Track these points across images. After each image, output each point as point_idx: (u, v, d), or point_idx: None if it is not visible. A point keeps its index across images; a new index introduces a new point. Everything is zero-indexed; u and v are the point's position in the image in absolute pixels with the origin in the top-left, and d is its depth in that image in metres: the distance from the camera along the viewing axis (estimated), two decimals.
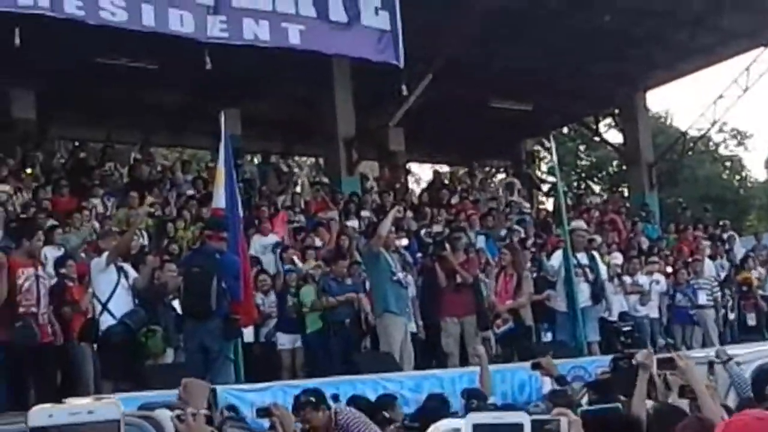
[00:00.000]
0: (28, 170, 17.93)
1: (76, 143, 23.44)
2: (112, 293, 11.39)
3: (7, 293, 10.49)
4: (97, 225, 15.65)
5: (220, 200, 11.96)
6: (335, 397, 10.22)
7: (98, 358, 11.81)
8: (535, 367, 10.46)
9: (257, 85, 22.30)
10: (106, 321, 11.34)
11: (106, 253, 11.78)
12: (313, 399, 7.99)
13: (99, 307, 11.44)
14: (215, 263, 11.22)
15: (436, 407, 9.08)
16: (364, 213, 19.40)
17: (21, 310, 10.61)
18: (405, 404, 10.33)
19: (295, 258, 16.00)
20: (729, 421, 3.99)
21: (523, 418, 2.62)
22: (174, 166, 22.45)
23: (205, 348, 11.05)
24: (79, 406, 2.44)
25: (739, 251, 21.98)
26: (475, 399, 9.41)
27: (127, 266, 11.93)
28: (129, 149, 23.53)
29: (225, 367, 11.06)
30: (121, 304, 11.42)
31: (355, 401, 9.53)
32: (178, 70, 19.86)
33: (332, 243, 16.99)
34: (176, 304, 12.56)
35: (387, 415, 8.58)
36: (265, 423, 7.04)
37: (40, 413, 2.41)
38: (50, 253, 13.14)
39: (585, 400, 8.68)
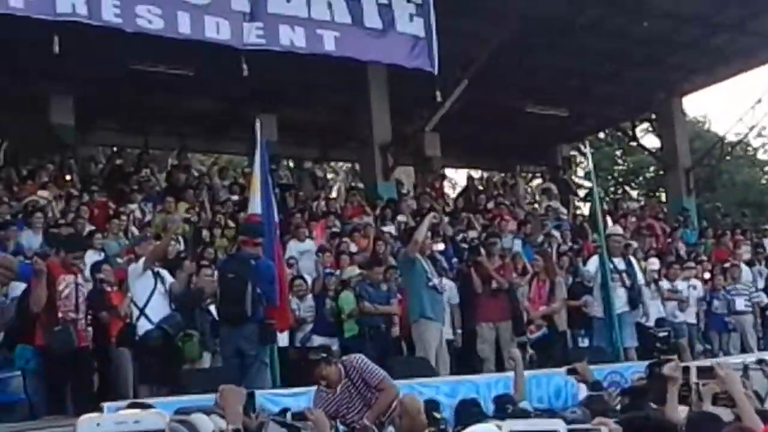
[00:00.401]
0: (67, 177, 18.07)
1: (114, 149, 23.60)
2: (149, 298, 11.46)
3: (47, 299, 10.57)
4: (135, 230, 15.80)
5: (255, 206, 12.01)
6: None
7: (135, 363, 11.90)
8: (571, 372, 10.41)
9: (293, 92, 22.41)
10: (143, 326, 11.42)
11: (143, 259, 11.87)
12: (324, 354, 9.05)
13: (136, 312, 11.52)
14: (250, 269, 11.25)
15: (469, 412, 9.12)
16: (400, 218, 19.41)
17: (60, 315, 10.68)
18: (441, 409, 10.36)
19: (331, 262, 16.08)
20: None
21: (559, 426, 2.62)
22: (210, 171, 22.58)
23: (240, 353, 11.08)
24: (125, 416, 2.47)
25: None
26: (507, 404, 9.38)
27: (164, 271, 12.00)
28: (166, 155, 23.68)
29: (261, 371, 11.09)
30: (158, 309, 11.49)
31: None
32: (215, 77, 19.97)
33: (368, 249, 17.03)
34: (213, 309, 12.61)
35: (437, 416, 8.68)
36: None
37: (89, 422, 2.45)
38: (89, 258, 13.24)
39: (618, 406, 8.65)
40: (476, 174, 29.15)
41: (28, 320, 10.77)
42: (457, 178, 36.01)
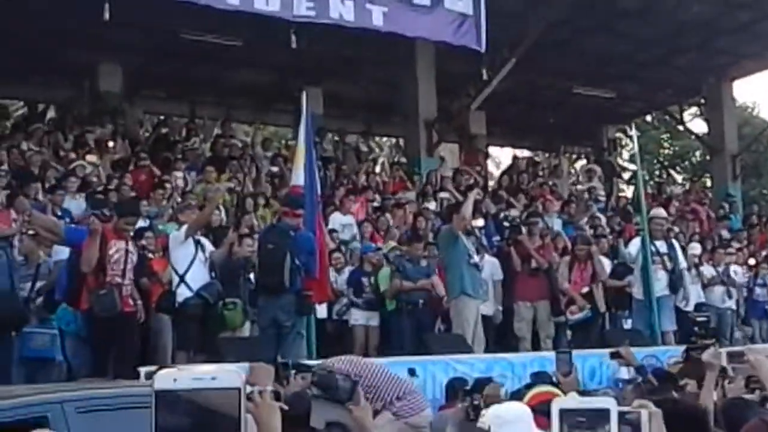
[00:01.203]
0: (111, 143, 18.21)
1: (161, 117, 23.77)
2: (189, 266, 11.55)
3: (97, 262, 10.68)
4: (178, 198, 15.91)
5: (299, 178, 12.06)
6: (412, 371, 10.59)
7: (174, 330, 12.03)
8: (614, 356, 10.35)
9: (340, 65, 22.44)
10: (183, 293, 11.52)
11: (185, 226, 11.96)
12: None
13: (176, 279, 11.63)
14: (289, 240, 11.34)
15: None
16: (443, 194, 19.42)
17: (107, 279, 10.80)
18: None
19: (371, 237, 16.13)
20: None
21: (610, 404, 2.63)
22: (254, 142, 22.69)
23: (277, 323, 11.19)
24: (202, 372, 2.52)
25: None
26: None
27: (205, 240, 12.09)
28: (212, 125, 23.83)
29: (297, 342, 11.18)
30: (198, 277, 11.57)
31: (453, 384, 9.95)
32: (263, 48, 20.07)
33: (408, 224, 17.06)
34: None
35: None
36: None
37: (166, 377, 2.50)
38: None
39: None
40: (521, 154, 29.02)
41: (75, 282, 10.87)
42: (501, 158, 35.89)
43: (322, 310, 13.40)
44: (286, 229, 11.49)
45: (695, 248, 18.03)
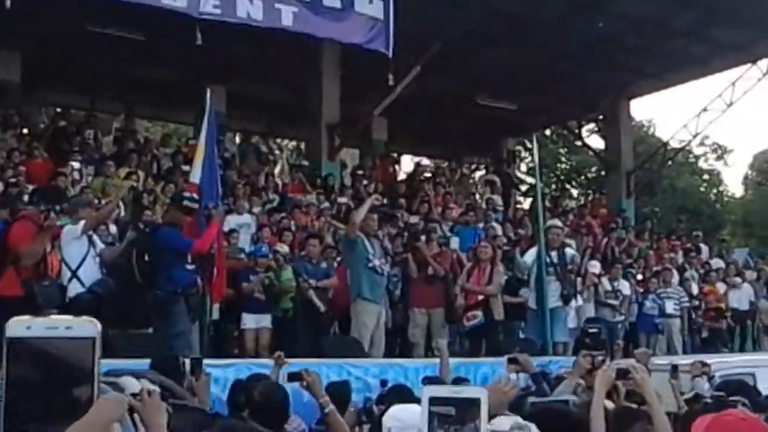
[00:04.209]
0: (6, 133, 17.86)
1: (59, 110, 23.35)
2: (82, 262, 11.37)
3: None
4: (73, 192, 15.62)
5: (196, 175, 11.96)
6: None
7: None
8: (512, 362, 10.45)
9: (245, 65, 22.30)
10: (74, 288, 11.32)
11: (82, 222, 11.73)
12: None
13: (68, 274, 11.43)
14: (142, 237, 11.32)
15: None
16: (341, 199, 19.44)
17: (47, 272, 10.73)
18: (368, 390, 10.47)
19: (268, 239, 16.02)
20: (714, 419, 4.09)
21: (482, 394, 2.67)
22: (154, 139, 22.46)
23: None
24: (57, 321, 2.47)
25: (712, 264, 22.19)
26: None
27: (95, 237, 11.88)
28: (111, 119, 23.46)
29: (168, 342, 10.94)
30: (90, 273, 11.40)
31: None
32: (167, 44, 19.81)
33: (308, 226, 17.04)
34: None
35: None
36: None
37: (19, 325, 2.44)
38: None
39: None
40: (425, 162, 29.24)
41: None
42: (403, 164, 36.03)
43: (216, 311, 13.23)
44: (144, 228, 11.40)
45: (595, 266, 18.28)
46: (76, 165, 16.92)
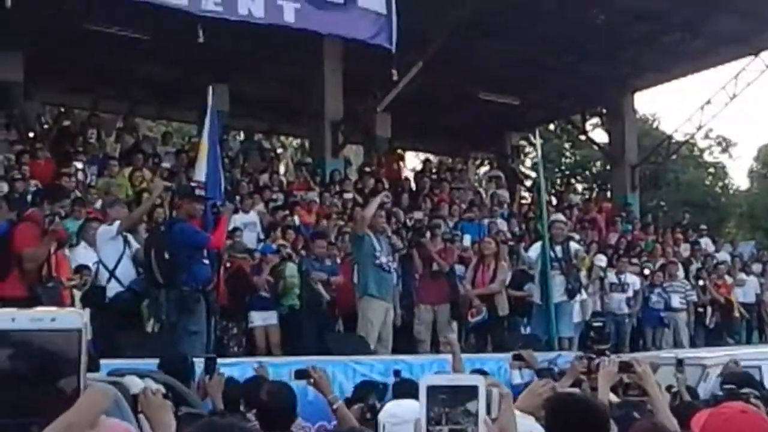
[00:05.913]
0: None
1: (62, 109, 23.33)
2: (119, 261, 11.40)
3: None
4: (78, 193, 15.60)
5: (200, 173, 11.94)
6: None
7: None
8: (517, 358, 10.44)
9: (248, 63, 22.29)
10: (114, 288, 11.34)
11: (117, 222, 11.73)
12: None
13: (106, 275, 11.43)
14: (157, 236, 11.30)
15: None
16: (347, 195, 19.41)
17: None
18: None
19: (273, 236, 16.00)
20: (712, 413, 4.06)
21: (479, 381, 2.64)
22: (155, 137, 22.44)
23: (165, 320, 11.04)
24: (42, 313, 2.46)
25: (719, 257, 22.13)
26: None
27: (130, 237, 11.87)
28: (114, 119, 23.45)
29: (185, 340, 10.88)
30: (127, 272, 11.44)
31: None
32: (169, 42, 19.80)
33: (313, 223, 17.02)
34: None
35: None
36: None
37: (3, 317, 2.43)
38: None
39: None
40: (427, 158, 29.17)
41: None
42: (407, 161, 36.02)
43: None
44: (158, 225, 11.38)
45: (601, 260, 18.25)
46: (80, 165, 16.87)
